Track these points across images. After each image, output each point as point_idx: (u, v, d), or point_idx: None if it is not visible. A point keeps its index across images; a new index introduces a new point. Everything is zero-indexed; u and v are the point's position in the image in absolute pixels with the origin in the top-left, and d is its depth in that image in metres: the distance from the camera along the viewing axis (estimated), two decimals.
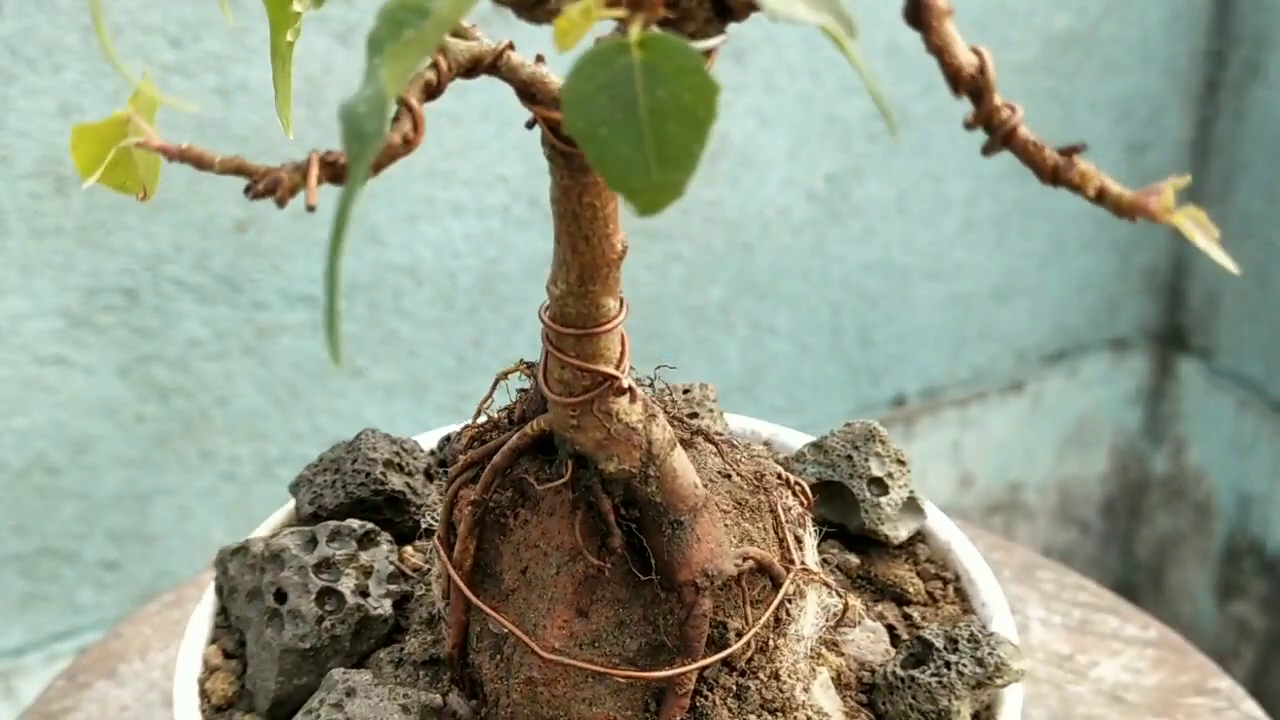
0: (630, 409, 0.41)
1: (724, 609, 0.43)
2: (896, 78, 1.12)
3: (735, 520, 0.45)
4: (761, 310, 1.16)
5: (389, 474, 0.55)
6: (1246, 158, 1.26)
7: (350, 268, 0.97)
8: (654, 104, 0.28)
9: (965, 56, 0.25)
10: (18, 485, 0.93)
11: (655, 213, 0.28)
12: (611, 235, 0.39)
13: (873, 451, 0.53)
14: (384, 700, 0.45)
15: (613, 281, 0.39)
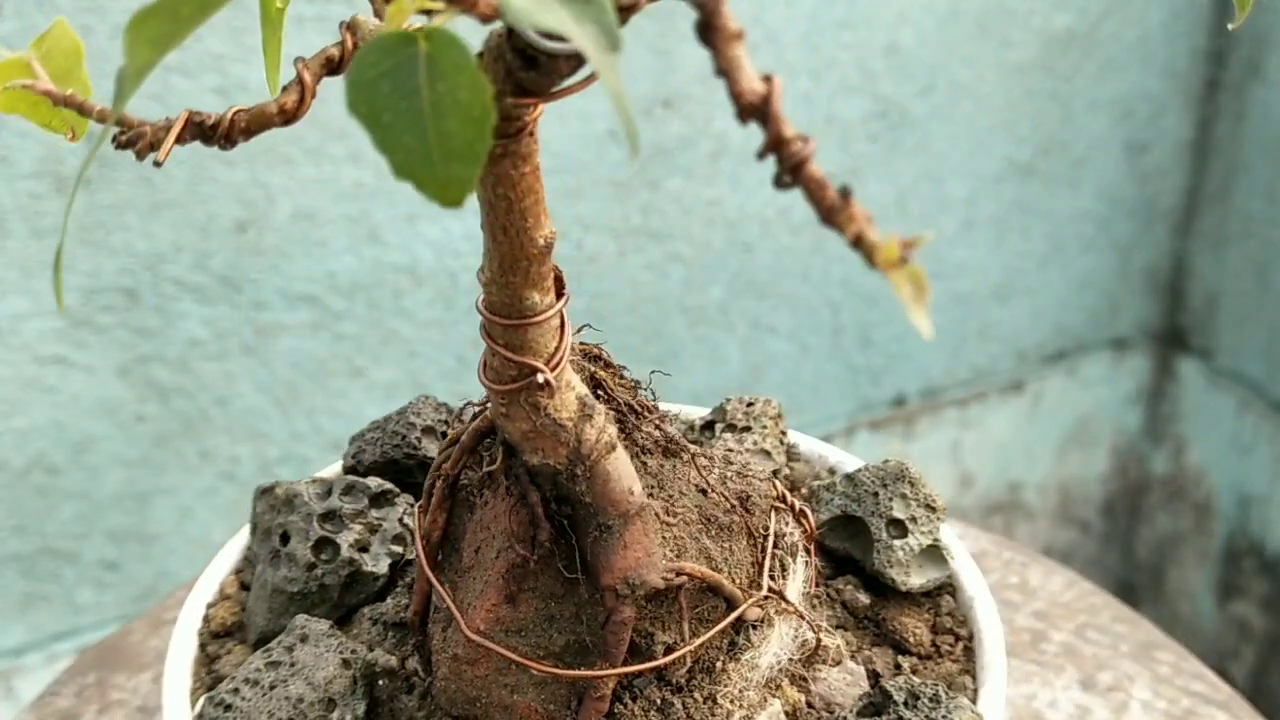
0: (561, 405, 0.41)
1: (652, 620, 0.43)
2: (896, 78, 1.12)
3: (693, 535, 0.44)
4: (761, 310, 1.16)
5: (424, 440, 0.56)
6: (1246, 158, 1.26)
7: (350, 268, 0.97)
8: (435, 98, 0.28)
9: (752, 84, 0.25)
10: (18, 485, 0.93)
11: (450, 205, 0.29)
12: (530, 229, 0.38)
13: (899, 492, 0.51)
14: (329, 651, 0.46)
15: (536, 275, 0.39)
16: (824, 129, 1.11)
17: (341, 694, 0.46)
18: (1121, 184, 1.30)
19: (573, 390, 0.41)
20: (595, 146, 1.02)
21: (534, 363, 0.40)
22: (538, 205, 0.38)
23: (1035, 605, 0.69)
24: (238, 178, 0.91)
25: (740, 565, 0.45)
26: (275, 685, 0.46)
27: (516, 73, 0.34)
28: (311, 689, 0.46)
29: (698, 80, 1.04)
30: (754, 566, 0.46)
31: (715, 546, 0.45)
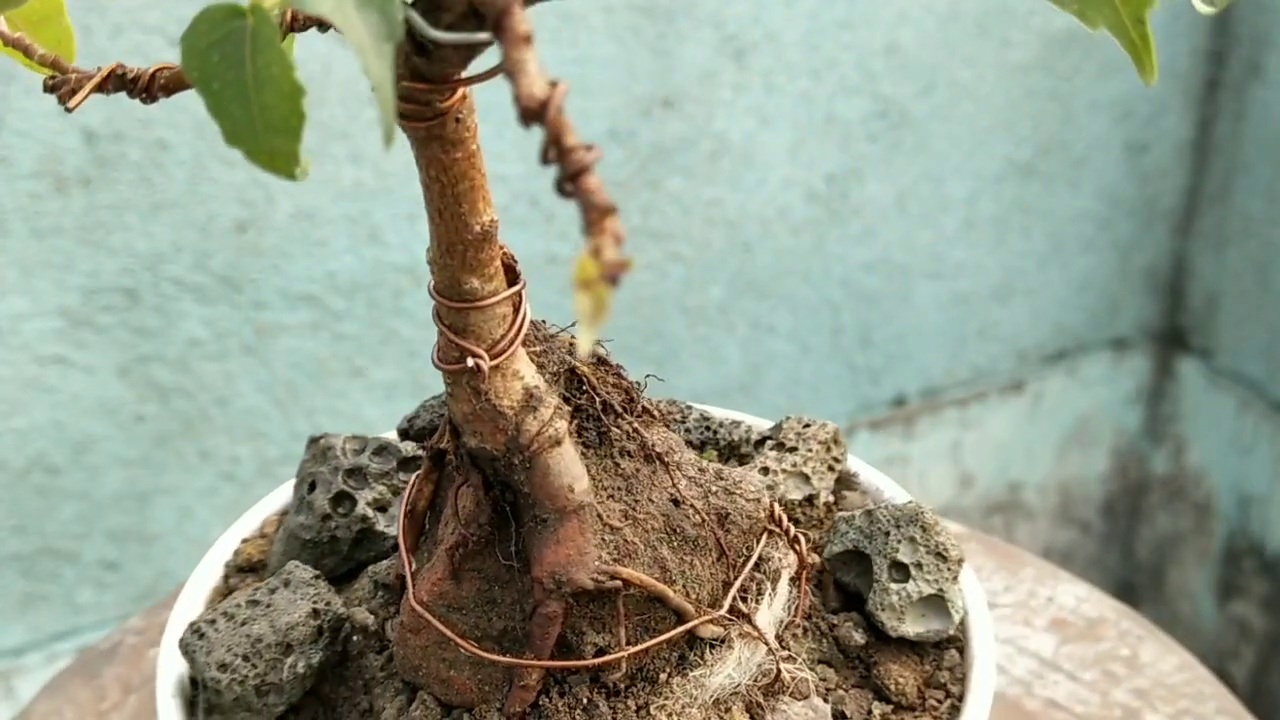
0: (504, 392, 0.41)
1: (590, 620, 0.43)
2: (896, 78, 1.12)
3: (650, 543, 0.44)
4: (761, 310, 1.16)
5: None
6: (1246, 158, 1.26)
7: (350, 268, 0.97)
8: (255, 71, 0.29)
9: (533, 88, 0.25)
10: (18, 485, 0.93)
11: (280, 175, 0.30)
12: (465, 215, 0.39)
13: (909, 535, 0.49)
14: (303, 599, 0.48)
15: (474, 261, 0.40)
16: (824, 129, 1.11)
17: (300, 641, 0.47)
18: (1121, 184, 1.30)
19: (520, 380, 0.42)
20: None
21: (472, 347, 0.41)
22: (473, 192, 0.39)
23: (1138, 682, 0.66)
24: (238, 178, 0.91)
25: (701, 581, 0.45)
26: (246, 622, 0.47)
27: (412, 57, 0.35)
28: (273, 631, 0.47)
29: (698, 80, 1.04)
30: (723, 585, 0.45)
31: (674, 558, 0.44)
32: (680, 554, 0.44)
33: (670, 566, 0.44)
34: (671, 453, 0.46)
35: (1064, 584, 0.72)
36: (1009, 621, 0.69)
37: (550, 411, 0.42)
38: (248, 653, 0.47)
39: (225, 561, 0.54)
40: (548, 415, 0.42)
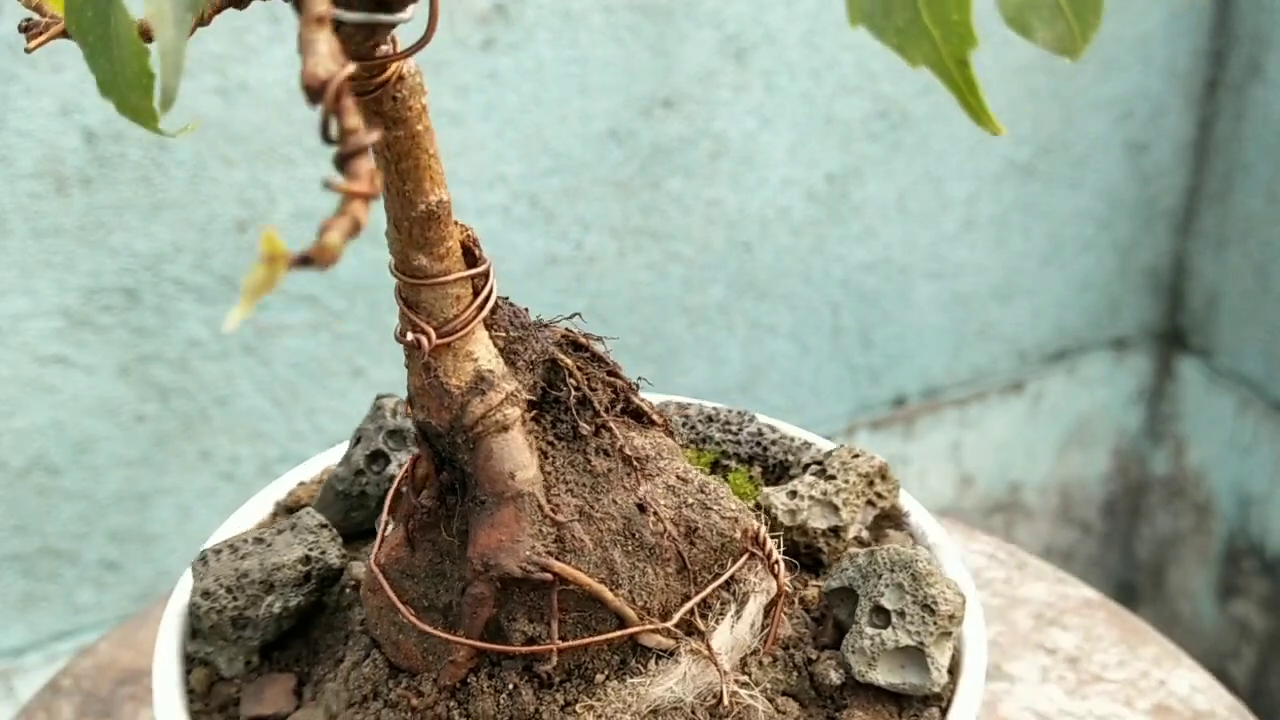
0: (454, 371, 0.42)
1: (525, 609, 0.43)
2: (896, 78, 1.12)
3: (602, 543, 0.44)
4: (761, 310, 1.16)
5: None
6: (1246, 158, 1.26)
7: (350, 268, 0.97)
8: (114, 28, 0.30)
9: (318, 67, 0.26)
10: (18, 485, 0.93)
11: (146, 127, 0.31)
12: (410, 193, 0.40)
13: (897, 581, 0.47)
14: (300, 544, 0.50)
15: (420, 239, 0.41)
16: (824, 129, 1.11)
17: (284, 582, 0.49)
18: (1122, 184, 1.30)
19: (473, 362, 0.42)
20: (595, 146, 1.02)
21: (420, 322, 0.42)
22: (418, 171, 0.40)
23: None
24: (238, 178, 0.91)
25: (652, 590, 0.44)
26: (245, 556, 0.49)
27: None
28: (260, 569, 0.49)
29: (698, 80, 1.04)
30: (682, 598, 0.45)
31: (625, 562, 0.44)
32: (633, 559, 0.44)
33: (619, 570, 0.44)
34: (654, 459, 0.46)
35: (1184, 670, 0.68)
36: (1109, 699, 0.65)
37: (500, 397, 0.42)
38: (231, 585, 0.49)
39: (277, 500, 0.57)
40: (496, 400, 0.42)
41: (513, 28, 0.95)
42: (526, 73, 0.97)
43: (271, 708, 0.48)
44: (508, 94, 0.97)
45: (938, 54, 0.31)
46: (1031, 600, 0.71)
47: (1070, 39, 0.31)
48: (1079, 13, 0.30)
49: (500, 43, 0.95)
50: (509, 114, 0.98)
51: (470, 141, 0.97)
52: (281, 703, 0.48)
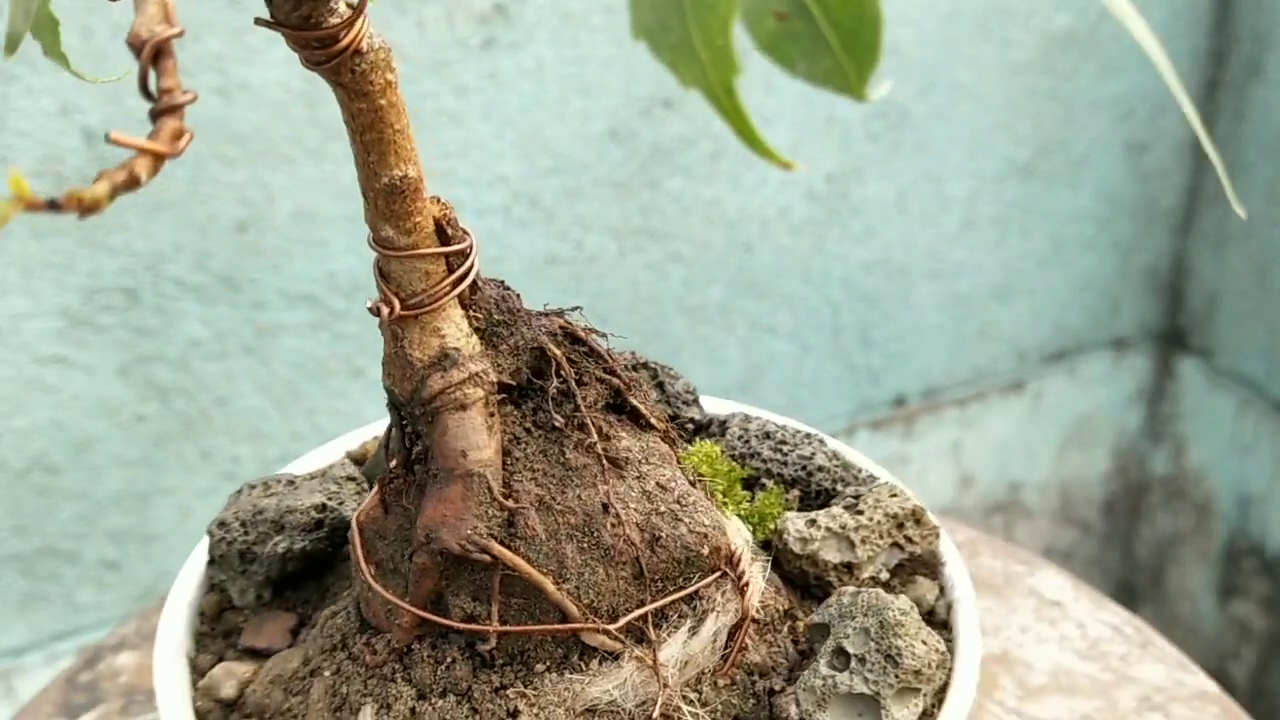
0: (419, 344, 0.43)
1: (470, 586, 0.44)
2: (896, 78, 1.12)
3: (555, 536, 0.44)
4: (761, 310, 1.16)
5: None
6: (1246, 158, 1.26)
7: (350, 268, 0.97)
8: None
9: (144, 28, 0.27)
10: (18, 485, 0.93)
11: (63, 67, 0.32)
12: (374, 164, 0.40)
13: (865, 626, 0.46)
14: (320, 493, 0.52)
15: (386, 211, 0.41)
16: (824, 129, 1.11)
17: (294, 525, 0.50)
18: (1121, 184, 1.30)
19: (439, 337, 0.43)
20: (595, 146, 1.02)
21: (388, 292, 0.43)
22: (382, 144, 0.40)
23: None
24: (238, 177, 0.91)
25: (601, 590, 0.44)
26: (270, 495, 0.51)
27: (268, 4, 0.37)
28: (275, 510, 0.51)
29: None
30: (636, 603, 0.44)
31: (576, 558, 0.44)
32: (586, 556, 0.44)
33: (568, 564, 0.44)
34: (637, 462, 0.46)
35: None
36: None
37: (462, 376, 0.43)
38: (246, 520, 0.51)
39: (349, 450, 0.59)
40: (457, 378, 0.43)
41: (513, 28, 0.95)
42: (526, 73, 0.97)
43: (266, 642, 0.51)
44: (508, 94, 0.97)
45: (706, 78, 0.29)
46: (1142, 681, 0.67)
47: (840, 75, 0.28)
48: (850, 48, 0.28)
49: (500, 43, 0.95)
50: (509, 114, 0.98)
51: (470, 141, 0.97)
52: (276, 639, 0.51)
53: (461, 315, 0.44)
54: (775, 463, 0.56)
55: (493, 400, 0.44)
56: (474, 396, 0.43)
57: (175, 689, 0.47)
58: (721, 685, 0.46)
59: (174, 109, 0.27)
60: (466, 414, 0.43)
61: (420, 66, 0.93)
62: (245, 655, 0.51)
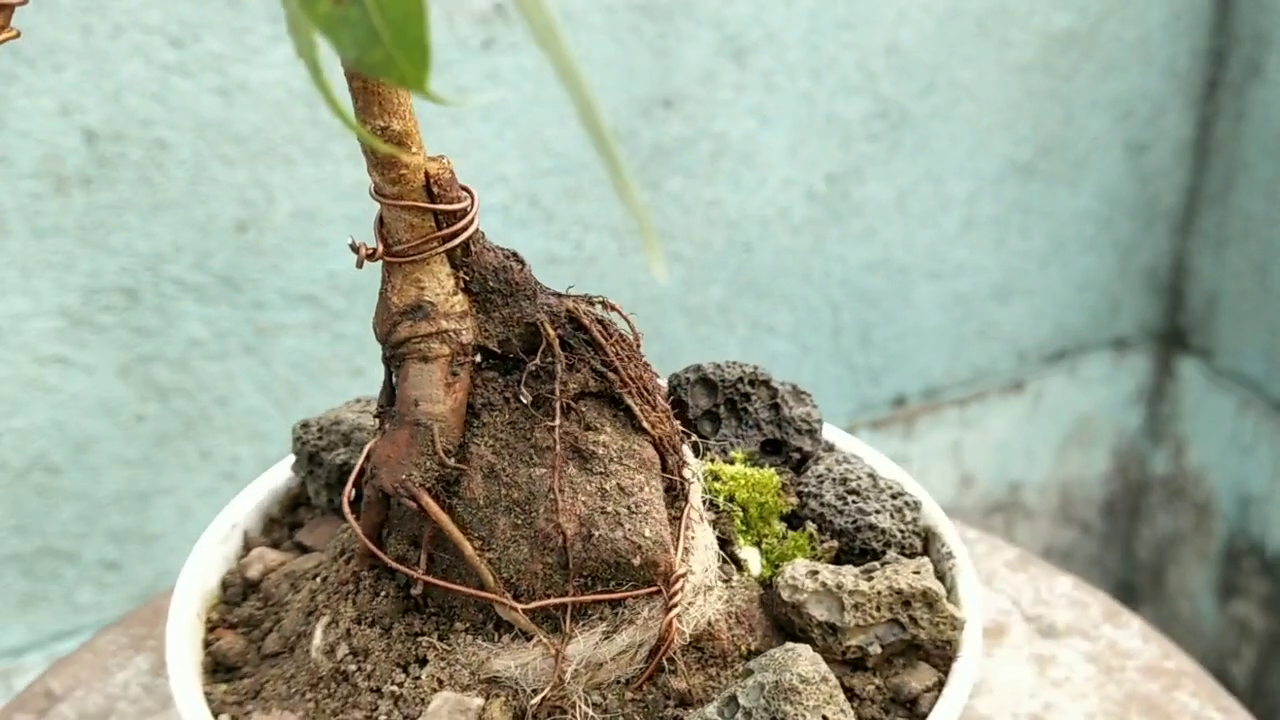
0: (399, 291, 0.45)
1: (409, 528, 0.46)
2: (896, 78, 1.12)
3: (493, 505, 0.45)
4: (761, 310, 1.16)
5: None
6: (1246, 158, 1.26)
7: (350, 268, 0.97)
8: None
9: None
10: (18, 485, 0.93)
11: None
12: (360, 112, 0.42)
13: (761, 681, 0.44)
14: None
15: (374, 159, 0.43)
16: (824, 129, 1.11)
17: (357, 443, 0.55)
18: (1122, 184, 1.30)
19: (418, 288, 0.44)
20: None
21: (378, 235, 0.45)
22: (366, 94, 0.41)
23: None
24: (238, 177, 0.91)
25: (523, 570, 0.44)
26: (353, 411, 0.56)
27: None
28: (349, 425, 0.55)
29: (698, 80, 1.04)
30: (559, 593, 0.44)
31: (507, 532, 0.45)
32: (516, 533, 0.45)
33: (497, 536, 0.45)
34: (609, 459, 0.46)
35: None
36: None
37: (430, 330, 0.44)
38: (324, 426, 0.56)
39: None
40: (424, 330, 0.44)
41: (513, 28, 0.95)
42: (526, 73, 0.97)
43: (312, 541, 0.54)
44: (509, 95, 0.97)
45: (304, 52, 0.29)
46: None
47: (394, 67, 0.28)
48: (400, 42, 0.28)
49: (500, 43, 0.95)
50: (509, 114, 0.98)
51: (470, 141, 0.97)
52: (320, 541, 0.54)
53: (448, 273, 0.45)
54: (831, 509, 0.54)
55: (462, 360, 0.45)
56: (437, 352, 0.45)
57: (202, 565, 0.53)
58: (628, 699, 0.45)
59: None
60: (428, 366, 0.45)
61: None
62: (294, 548, 0.55)
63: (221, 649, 0.51)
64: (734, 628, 0.48)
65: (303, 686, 0.47)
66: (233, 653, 0.51)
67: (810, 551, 0.52)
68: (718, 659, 0.47)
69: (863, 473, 0.56)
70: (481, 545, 0.45)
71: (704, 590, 0.46)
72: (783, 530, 0.53)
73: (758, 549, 0.52)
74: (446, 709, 0.44)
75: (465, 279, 0.45)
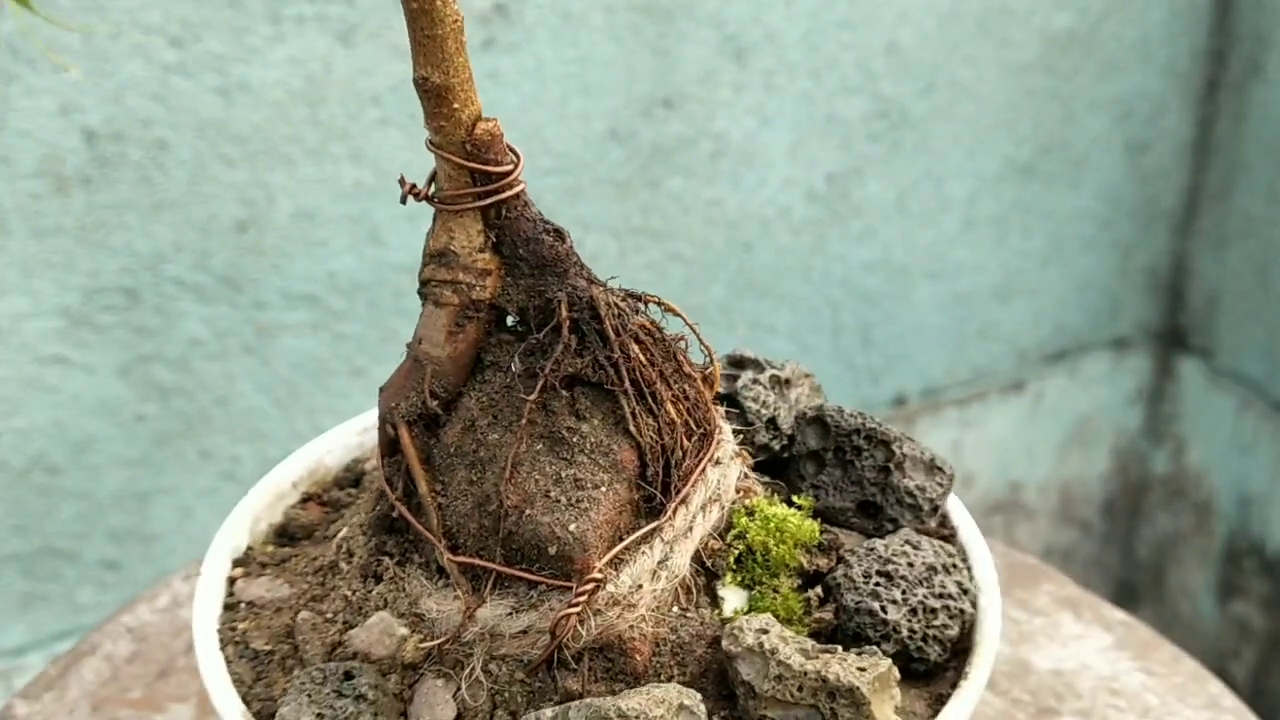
0: (436, 235, 0.47)
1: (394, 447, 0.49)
2: (896, 78, 1.12)
3: (464, 459, 0.47)
4: (761, 310, 1.16)
5: None
6: (1246, 158, 1.26)
7: (350, 268, 0.97)
8: None
9: None
10: (18, 485, 0.93)
11: None
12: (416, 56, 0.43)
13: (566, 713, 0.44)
14: None
15: (423, 104, 0.45)
16: (824, 129, 1.11)
17: None
18: (1122, 184, 1.30)
19: (448, 236, 0.46)
20: (595, 146, 1.02)
21: (433, 180, 0.47)
22: (414, 42, 0.43)
23: None
24: (238, 178, 0.91)
25: (462, 525, 0.47)
26: None
27: None
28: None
29: (698, 80, 1.04)
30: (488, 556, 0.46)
31: (460, 485, 0.47)
32: (469, 488, 0.47)
33: (451, 485, 0.47)
34: (583, 450, 0.46)
35: None
36: None
37: (447, 278, 0.46)
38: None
39: None
40: (442, 276, 0.46)
41: (513, 28, 0.95)
42: (526, 73, 0.97)
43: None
44: (508, 94, 0.97)
45: None
46: None
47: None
48: None
49: (500, 43, 0.95)
50: (509, 114, 0.98)
51: None
52: None
53: (479, 230, 0.47)
54: (848, 582, 0.50)
55: (470, 314, 0.47)
56: (447, 299, 0.47)
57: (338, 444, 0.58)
58: (518, 679, 0.46)
59: None
60: (437, 311, 0.47)
61: None
62: None
63: (298, 518, 0.56)
64: (660, 654, 0.46)
65: (313, 567, 0.52)
66: (304, 524, 0.56)
67: (800, 615, 0.49)
68: (627, 676, 0.46)
69: (920, 563, 0.50)
70: (440, 490, 0.47)
71: (624, 605, 0.45)
72: (790, 584, 0.50)
73: (747, 592, 0.50)
74: (378, 629, 0.47)
75: (496, 240, 0.47)
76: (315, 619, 0.49)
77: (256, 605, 0.52)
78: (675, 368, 0.49)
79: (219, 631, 0.51)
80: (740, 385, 0.60)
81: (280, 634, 0.50)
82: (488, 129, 0.45)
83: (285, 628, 0.50)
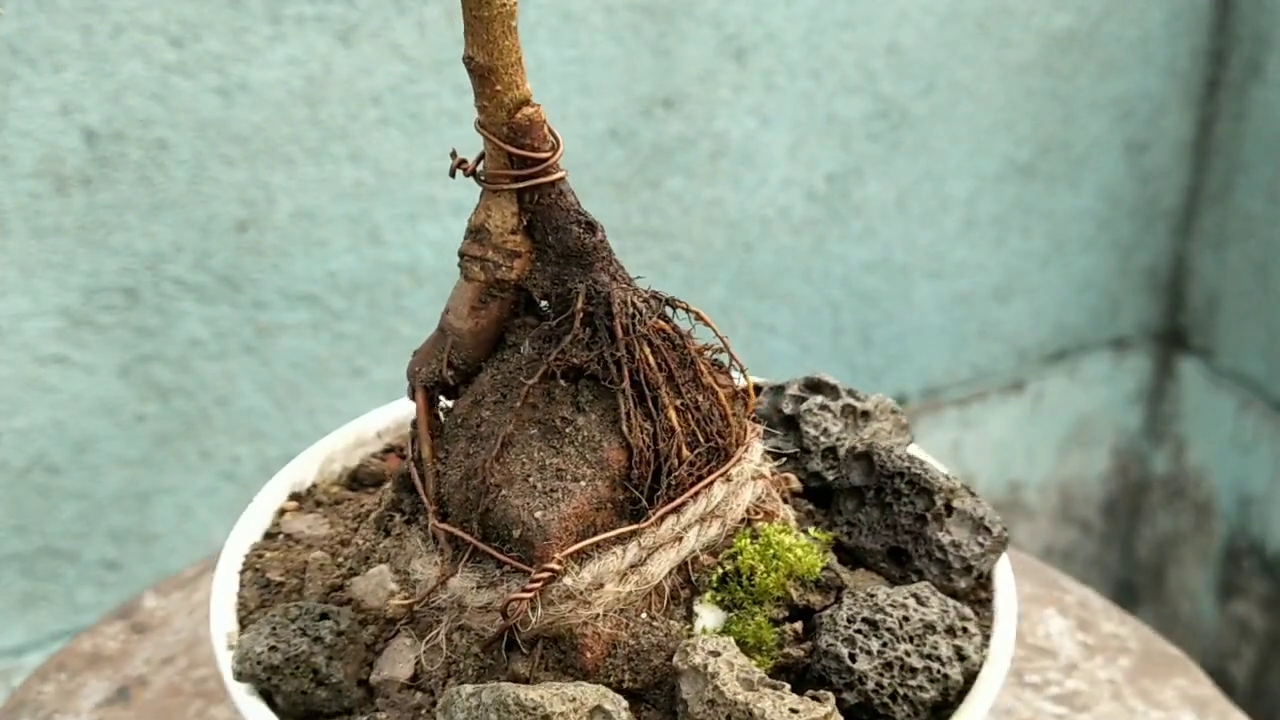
0: (477, 210, 0.48)
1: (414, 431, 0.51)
2: (896, 78, 1.12)
3: (467, 429, 0.48)
4: (761, 310, 1.16)
5: None
6: (1246, 158, 1.26)
7: (350, 268, 0.97)
8: None
9: None
10: (18, 485, 0.93)
11: None
12: (467, 36, 0.44)
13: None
14: None
15: (476, 88, 0.47)
16: (824, 129, 1.11)
17: None
18: (1122, 184, 1.30)
19: (485, 214, 0.48)
20: (595, 146, 1.02)
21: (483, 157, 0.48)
22: (466, 22, 0.45)
23: None
24: (238, 177, 0.91)
25: (450, 494, 0.48)
26: None
27: None
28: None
29: (698, 80, 1.04)
30: (469, 529, 0.47)
31: (457, 456, 0.48)
32: (464, 460, 0.48)
33: (451, 455, 0.49)
34: (572, 442, 0.47)
35: None
36: None
37: (477, 253, 0.48)
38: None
39: None
40: (474, 252, 0.48)
41: None
42: (526, 72, 0.97)
43: None
44: None
45: None
46: None
47: None
48: None
49: None
50: None
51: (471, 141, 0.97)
52: None
53: (514, 212, 0.48)
54: (828, 624, 0.48)
55: (495, 293, 0.48)
56: (475, 275, 0.49)
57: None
58: (473, 650, 0.47)
59: None
60: (465, 284, 0.49)
61: (421, 66, 0.93)
62: None
63: (371, 465, 0.60)
64: (614, 657, 0.46)
65: (355, 513, 0.55)
66: (373, 471, 0.59)
67: (770, 646, 0.48)
68: (576, 671, 0.46)
69: (918, 619, 0.48)
70: (443, 456, 0.49)
71: (578, 601, 0.45)
72: (770, 614, 0.49)
73: (725, 613, 0.49)
74: (375, 581, 0.50)
75: (529, 223, 0.48)
76: (326, 560, 0.52)
77: (293, 538, 0.54)
78: (691, 376, 0.48)
79: (245, 556, 0.53)
80: (804, 409, 0.58)
81: (297, 569, 0.52)
82: (528, 114, 0.47)
83: (304, 564, 0.52)
